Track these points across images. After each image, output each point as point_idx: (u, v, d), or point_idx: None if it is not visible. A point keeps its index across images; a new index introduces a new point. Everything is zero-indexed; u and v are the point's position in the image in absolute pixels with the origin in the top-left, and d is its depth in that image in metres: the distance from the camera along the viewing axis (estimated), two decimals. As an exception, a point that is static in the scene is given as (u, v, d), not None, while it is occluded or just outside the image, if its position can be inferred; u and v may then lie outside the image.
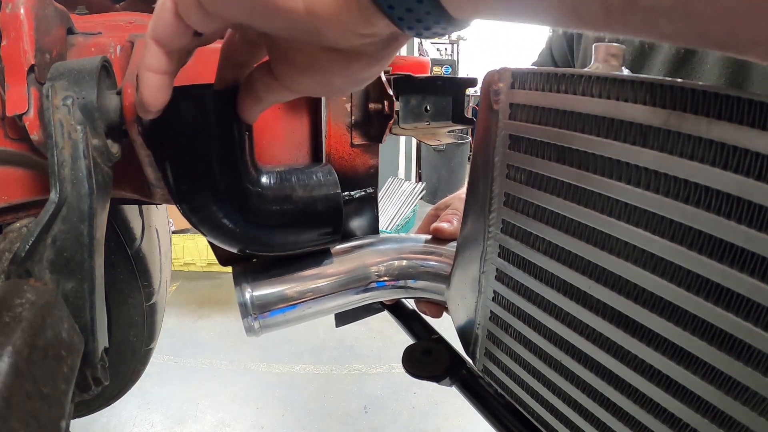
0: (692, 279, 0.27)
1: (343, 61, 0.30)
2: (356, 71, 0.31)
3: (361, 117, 0.52)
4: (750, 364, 0.25)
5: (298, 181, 0.45)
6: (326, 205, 0.46)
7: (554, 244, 0.35)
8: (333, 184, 0.47)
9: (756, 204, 0.24)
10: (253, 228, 0.43)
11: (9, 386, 0.27)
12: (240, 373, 2.37)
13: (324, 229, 0.47)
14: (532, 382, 0.42)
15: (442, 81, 0.56)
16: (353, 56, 0.29)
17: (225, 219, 0.42)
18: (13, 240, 0.41)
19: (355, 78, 0.32)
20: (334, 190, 0.46)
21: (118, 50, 0.46)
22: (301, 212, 0.45)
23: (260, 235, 0.44)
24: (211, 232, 0.43)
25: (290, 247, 0.48)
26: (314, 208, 0.46)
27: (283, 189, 0.44)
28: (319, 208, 0.46)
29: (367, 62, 0.30)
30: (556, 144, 0.33)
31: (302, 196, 0.45)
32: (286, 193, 0.44)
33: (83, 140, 0.36)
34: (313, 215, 0.46)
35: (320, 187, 0.46)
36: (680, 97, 0.26)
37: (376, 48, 0.29)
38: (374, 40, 0.28)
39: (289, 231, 0.46)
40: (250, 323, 0.49)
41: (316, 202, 0.46)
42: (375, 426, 2.07)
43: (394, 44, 0.30)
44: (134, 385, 1.11)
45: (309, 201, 0.45)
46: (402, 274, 0.54)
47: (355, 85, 0.33)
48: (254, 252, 0.47)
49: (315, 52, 0.30)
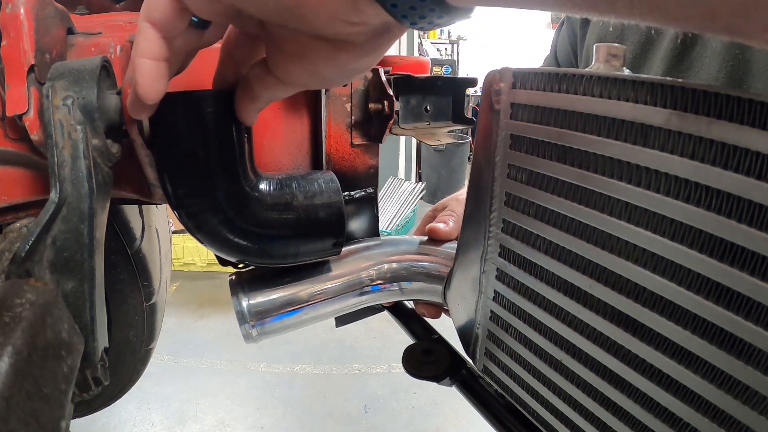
0: (693, 278, 0.27)
1: (330, 49, 0.29)
2: (344, 62, 0.30)
3: (361, 117, 0.52)
4: (750, 363, 0.25)
5: (298, 187, 0.44)
6: (328, 212, 0.45)
7: (555, 244, 0.35)
8: (335, 191, 0.46)
9: (756, 203, 0.24)
10: (252, 236, 0.42)
11: (9, 386, 0.27)
12: (240, 373, 2.37)
13: (326, 239, 0.46)
14: (533, 382, 0.42)
15: (442, 81, 0.56)
16: (341, 45, 0.29)
17: (222, 225, 0.41)
18: (13, 240, 0.41)
19: (344, 69, 0.31)
20: (336, 197, 0.45)
21: (118, 50, 0.46)
22: (301, 220, 0.44)
23: (259, 243, 0.43)
24: (208, 239, 0.42)
25: (290, 259, 0.47)
26: (315, 215, 0.44)
27: (282, 195, 0.43)
28: (321, 216, 0.45)
29: (356, 53, 0.29)
30: (557, 144, 0.33)
31: (303, 203, 0.44)
32: (285, 200, 0.43)
33: (83, 140, 0.36)
34: (314, 224, 0.45)
35: (321, 195, 0.45)
36: (681, 97, 0.26)
37: (365, 38, 0.28)
38: (363, 29, 0.27)
39: (289, 240, 0.45)
40: (248, 330, 0.49)
41: (317, 210, 0.44)
42: (375, 426, 2.07)
43: (387, 35, 0.29)
44: (134, 385, 1.11)
45: (310, 208, 0.44)
46: (396, 276, 0.54)
47: (345, 77, 0.33)
48: (253, 262, 0.46)
49: (304, 40, 0.29)
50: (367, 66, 0.32)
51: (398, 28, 0.28)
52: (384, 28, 0.28)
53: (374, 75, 0.51)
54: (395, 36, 0.30)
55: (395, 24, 0.26)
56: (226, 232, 0.41)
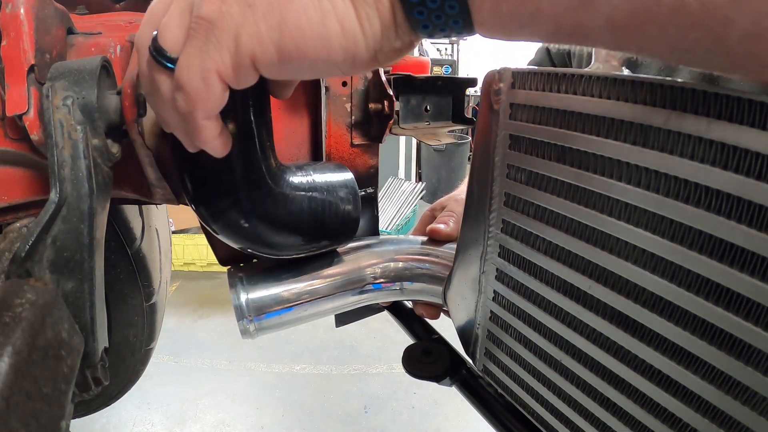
0: (692, 279, 0.27)
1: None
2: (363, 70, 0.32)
3: (361, 117, 0.52)
4: (750, 364, 0.25)
5: (315, 171, 0.45)
6: (345, 192, 0.46)
7: (554, 244, 0.35)
8: (350, 179, 0.47)
9: (756, 204, 0.24)
10: (275, 228, 0.43)
11: (9, 386, 0.27)
12: (240, 373, 2.37)
13: (344, 225, 0.47)
14: (532, 382, 0.42)
15: (442, 81, 0.56)
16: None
17: (243, 217, 0.41)
18: (13, 240, 0.41)
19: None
20: (351, 184, 0.47)
21: (118, 50, 0.46)
22: (322, 207, 0.45)
23: (281, 232, 0.44)
24: (228, 231, 0.42)
25: (312, 248, 0.48)
26: (336, 196, 0.45)
27: (304, 185, 0.44)
28: (341, 196, 0.46)
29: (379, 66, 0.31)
30: (556, 144, 0.33)
31: (321, 185, 0.45)
32: (307, 189, 0.44)
33: (83, 140, 0.36)
34: (334, 209, 0.46)
35: (338, 181, 0.46)
36: (680, 97, 0.26)
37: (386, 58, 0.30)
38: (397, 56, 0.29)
39: (311, 227, 0.45)
40: (246, 326, 0.49)
41: (336, 189, 0.46)
42: (375, 426, 2.06)
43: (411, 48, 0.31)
44: (134, 385, 1.11)
45: (330, 189, 0.45)
46: (398, 276, 0.54)
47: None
48: (272, 255, 0.46)
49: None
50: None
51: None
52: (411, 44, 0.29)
53: (374, 75, 0.51)
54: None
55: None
56: (248, 224, 0.41)
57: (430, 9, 0.25)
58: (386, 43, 0.27)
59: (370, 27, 0.26)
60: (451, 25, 0.26)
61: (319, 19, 0.26)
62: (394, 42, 0.27)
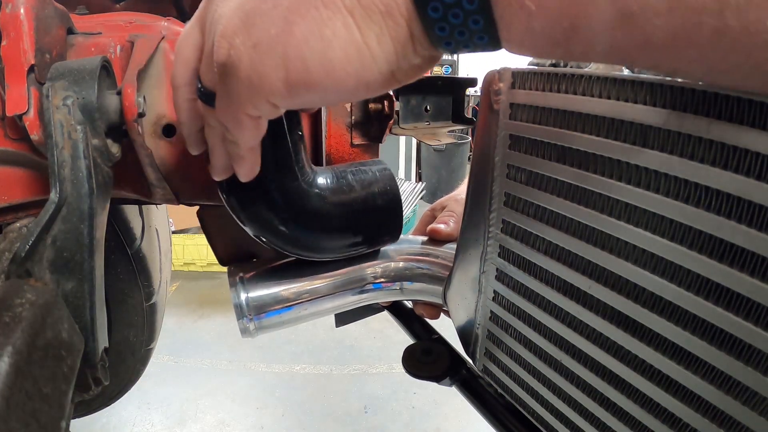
0: (692, 279, 0.27)
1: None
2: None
3: (361, 117, 0.52)
4: (750, 364, 0.25)
5: (354, 177, 0.45)
6: (385, 199, 0.45)
7: (554, 244, 0.35)
8: (390, 178, 0.46)
9: (756, 204, 0.24)
10: (312, 231, 0.43)
11: (9, 386, 0.27)
12: (240, 373, 2.37)
13: (385, 226, 0.47)
14: (532, 382, 0.42)
15: (442, 81, 0.56)
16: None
17: (283, 223, 0.41)
18: (13, 240, 0.41)
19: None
20: (392, 183, 0.46)
21: (118, 50, 0.46)
22: (361, 209, 0.45)
23: (321, 237, 0.44)
24: (276, 240, 0.42)
25: (352, 249, 0.48)
26: (374, 203, 0.45)
27: (341, 187, 0.44)
28: (379, 203, 0.45)
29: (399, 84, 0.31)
30: (556, 144, 0.33)
31: (361, 193, 0.45)
32: (344, 191, 0.44)
33: (83, 140, 0.36)
34: (373, 211, 0.45)
35: (377, 182, 0.46)
36: (680, 97, 0.26)
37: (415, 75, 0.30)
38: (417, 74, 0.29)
39: (350, 230, 0.45)
40: (246, 325, 0.49)
41: (375, 198, 0.45)
42: (375, 426, 2.06)
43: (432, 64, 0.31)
44: (134, 385, 1.11)
45: (368, 197, 0.45)
46: (399, 275, 0.54)
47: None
48: (314, 257, 0.47)
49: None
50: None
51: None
52: (432, 59, 0.29)
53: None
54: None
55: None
56: (287, 229, 0.42)
57: (453, 25, 0.24)
58: (403, 62, 0.27)
59: (380, 48, 0.26)
60: (476, 42, 0.25)
61: (321, 50, 0.26)
62: (412, 59, 0.27)
